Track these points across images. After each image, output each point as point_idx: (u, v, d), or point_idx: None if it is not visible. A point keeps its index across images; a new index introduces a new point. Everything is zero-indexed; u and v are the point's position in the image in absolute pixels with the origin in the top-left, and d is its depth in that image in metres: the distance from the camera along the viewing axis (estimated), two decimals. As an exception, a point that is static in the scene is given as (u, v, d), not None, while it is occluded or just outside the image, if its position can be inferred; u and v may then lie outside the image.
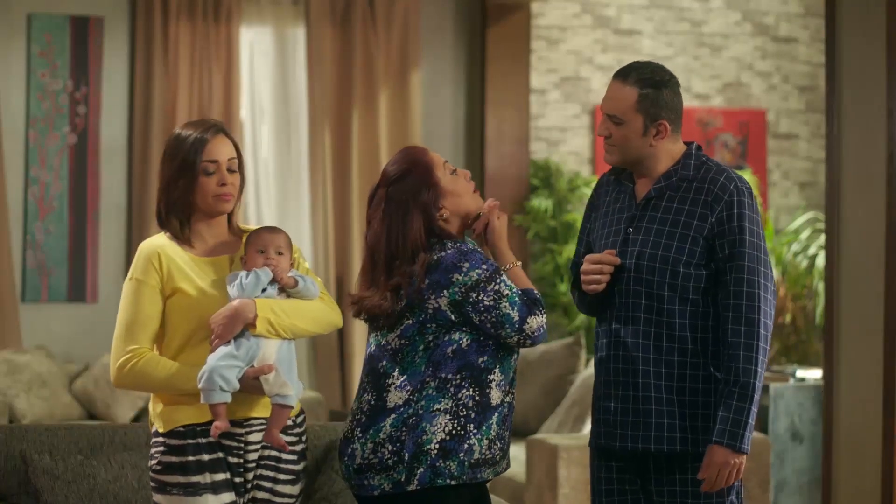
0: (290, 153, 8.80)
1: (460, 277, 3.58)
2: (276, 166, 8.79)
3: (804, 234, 8.88)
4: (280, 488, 3.72)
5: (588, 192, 9.02)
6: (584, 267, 3.79)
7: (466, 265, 3.59)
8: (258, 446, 3.70)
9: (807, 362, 8.68)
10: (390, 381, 3.62)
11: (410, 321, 3.61)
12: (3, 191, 8.08)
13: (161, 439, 3.68)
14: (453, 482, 3.56)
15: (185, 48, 8.47)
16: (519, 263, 3.73)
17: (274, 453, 3.71)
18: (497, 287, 3.58)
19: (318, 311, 3.75)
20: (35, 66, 8.32)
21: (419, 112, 8.87)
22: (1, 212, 8.05)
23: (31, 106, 8.31)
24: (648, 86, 3.78)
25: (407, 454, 3.55)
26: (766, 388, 7.57)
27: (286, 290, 3.71)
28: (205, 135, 3.72)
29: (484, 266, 3.59)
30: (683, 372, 3.76)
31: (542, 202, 8.89)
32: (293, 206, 8.79)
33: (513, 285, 3.61)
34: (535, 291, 3.67)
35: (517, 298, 3.60)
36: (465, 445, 3.57)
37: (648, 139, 3.78)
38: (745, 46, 9.48)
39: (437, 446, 3.55)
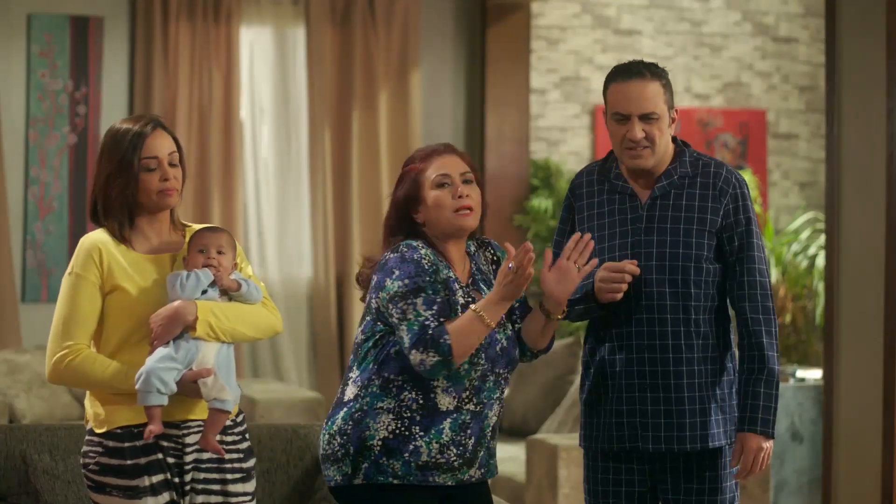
0: (290, 153, 8.80)
1: (389, 283, 3.57)
2: (276, 166, 8.79)
3: (804, 234, 8.88)
4: (231, 488, 3.69)
5: (588, 192, 9.01)
6: (603, 275, 3.75)
7: (396, 273, 3.57)
8: (193, 449, 3.67)
9: (807, 362, 8.68)
10: (350, 374, 3.67)
11: (368, 318, 3.64)
12: (3, 191, 8.08)
13: (97, 439, 3.63)
14: (396, 481, 3.57)
15: (185, 48, 8.47)
16: (486, 319, 3.55)
17: (216, 455, 3.69)
18: (405, 307, 3.53)
19: (258, 316, 3.72)
20: (35, 66, 8.32)
21: (419, 112, 8.87)
22: (1, 212, 8.05)
23: (31, 106, 8.32)
24: (664, 77, 3.84)
25: (352, 448, 3.58)
26: (766, 388, 7.56)
27: (228, 293, 3.69)
28: (143, 130, 3.65)
29: (407, 280, 3.54)
30: (710, 367, 3.79)
31: (542, 202, 8.89)
32: (293, 206, 8.79)
33: (423, 313, 3.52)
34: (449, 338, 3.49)
35: (417, 328, 3.51)
36: (411, 447, 3.57)
37: (670, 131, 3.82)
38: (745, 46, 9.48)
39: (379, 443, 3.56)
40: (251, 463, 3.76)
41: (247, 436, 3.78)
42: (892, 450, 5.81)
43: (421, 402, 3.58)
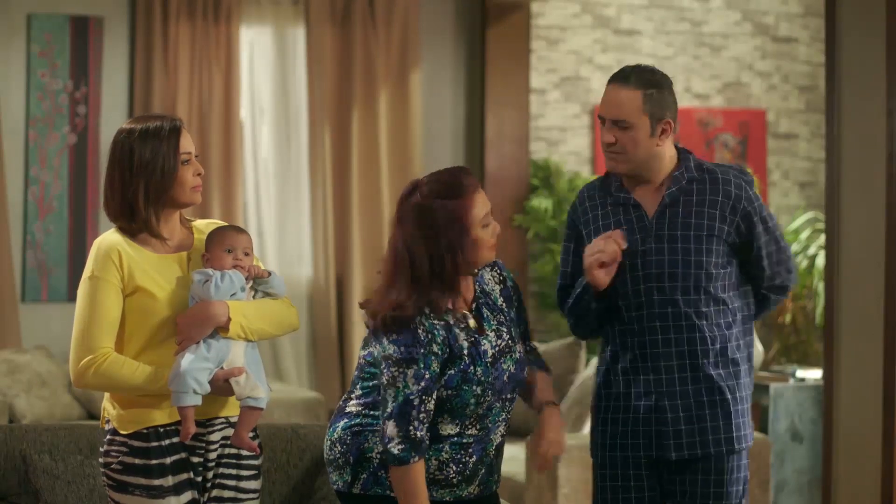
0: (290, 153, 8.80)
1: (386, 343, 3.56)
2: (276, 166, 8.79)
3: (804, 234, 8.88)
4: (244, 484, 3.72)
5: (588, 192, 9.01)
6: (588, 251, 3.76)
7: (395, 336, 3.54)
8: (218, 445, 3.68)
9: (807, 362, 8.67)
10: (354, 390, 3.69)
11: (371, 349, 3.67)
12: (3, 191, 8.08)
13: (121, 439, 3.63)
14: (393, 494, 3.58)
15: (185, 48, 8.47)
16: None
17: (234, 451, 3.69)
18: (396, 373, 3.53)
19: (282, 315, 3.74)
20: (35, 66, 8.32)
21: (419, 112, 8.87)
22: (1, 212, 8.05)
23: (31, 106, 8.31)
24: (651, 86, 3.77)
25: (352, 458, 3.62)
26: (766, 388, 7.57)
27: (256, 280, 3.69)
28: (176, 125, 3.66)
29: (402, 348, 3.53)
30: (724, 371, 3.80)
31: (542, 202, 8.89)
32: (293, 206, 8.79)
33: (411, 386, 3.50)
34: (413, 462, 3.50)
35: (402, 400, 3.51)
36: None
37: (655, 140, 3.78)
38: (745, 46, 9.48)
39: (378, 456, 3.59)
40: (260, 461, 3.78)
41: (256, 432, 3.79)
42: (892, 450, 5.81)
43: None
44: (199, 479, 3.67)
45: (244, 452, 3.71)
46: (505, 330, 3.69)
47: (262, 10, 8.75)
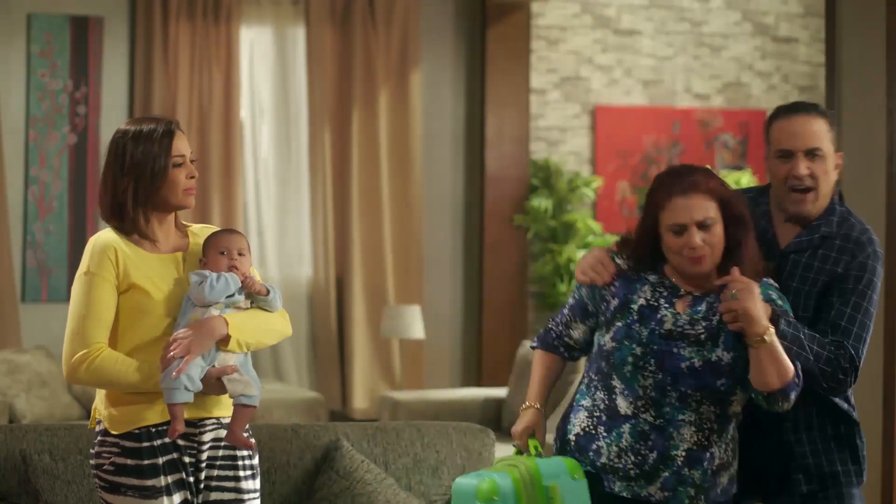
0: (290, 153, 8.81)
1: None
2: (276, 166, 8.79)
3: (804, 234, 8.89)
4: (244, 485, 3.70)
5: (588, 192, 9.03)
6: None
7: None
8: (209, 446, 3.68)
9: (807, 362, 8.67)
10: None
11: None
12: (3, 191, 8.08)
13: (113, 440, 3.62)
14: (592, 469, 3.62)
15: (185, 48, 8.48)
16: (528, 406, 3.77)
17: (229, 452, 3.69)
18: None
19: (275, 324, 3.73)
20: (35, 66, 8.32)
21: (419, 112, 8.88)
22: (1, 212, 8.05)
23: (31, 106, 8.32)
24: (830, 117, 3.65)
25: (559, 441, 3.72)
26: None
27: (255, 297, 3.69)
28: (170, 128, 3.68)
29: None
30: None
31: (542, 202, 8.89)
32: (293, 206, 8.80)
33: (569, 301, 3.79)
34: (535, 341, 3.82)
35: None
36: (594, 445, 3.62)
37: (834, 175, 3.64)
38: (745, 46, 9.48)
39: (573, 438, 3.65)
40: (257, 459, 3.77)
41: (250, 431, 3.78)
42: (892, 450, 5.81)
43: (606, 402, 3.60)
44: (192, 479, 3.66)
45: (239, 453, 3.70)
46: (705, 325, 3.56)
47: (262, 10, 8.75)
